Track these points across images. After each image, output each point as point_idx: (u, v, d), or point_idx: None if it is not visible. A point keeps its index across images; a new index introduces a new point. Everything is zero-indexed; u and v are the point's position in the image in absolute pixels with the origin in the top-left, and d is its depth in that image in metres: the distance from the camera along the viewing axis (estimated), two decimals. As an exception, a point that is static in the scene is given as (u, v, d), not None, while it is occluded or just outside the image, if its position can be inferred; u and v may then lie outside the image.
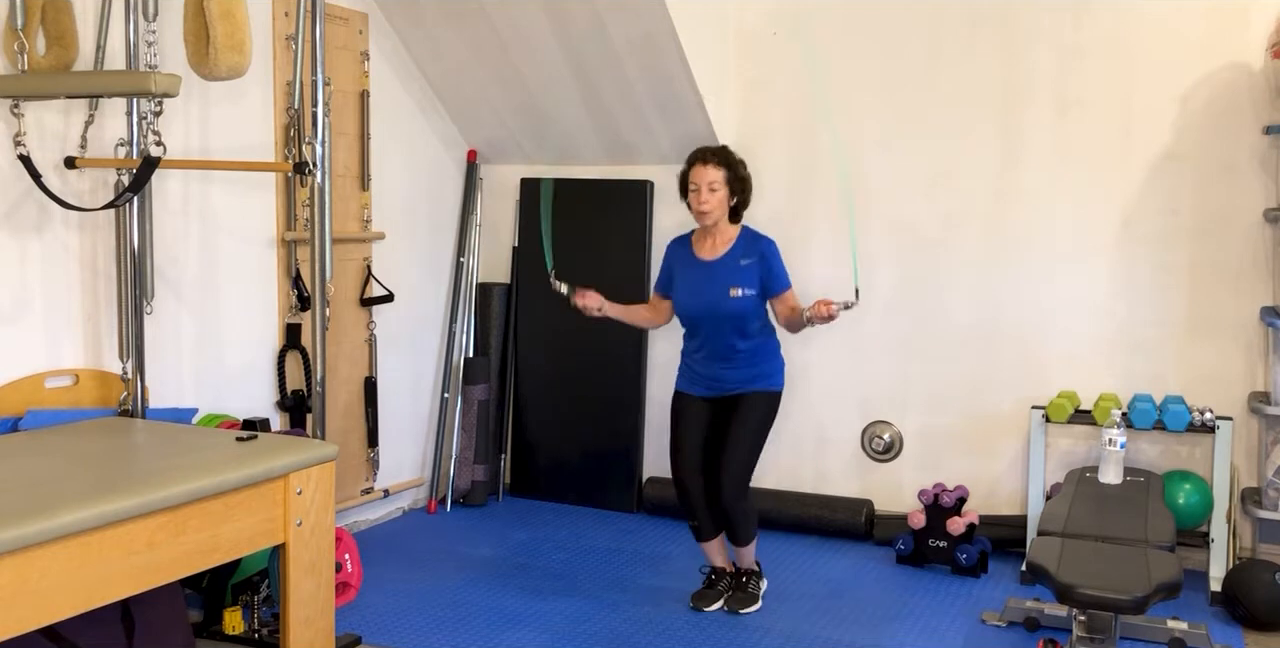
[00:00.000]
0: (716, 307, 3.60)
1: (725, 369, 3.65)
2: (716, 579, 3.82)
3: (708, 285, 3.63)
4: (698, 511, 3.70)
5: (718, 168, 3.59)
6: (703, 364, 3.69)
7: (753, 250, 3.63)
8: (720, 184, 3.59)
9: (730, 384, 3.65)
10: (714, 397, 3.69)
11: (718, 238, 3.68)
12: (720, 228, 3.67)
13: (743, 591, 3.76)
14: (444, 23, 4.42)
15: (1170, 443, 4.16)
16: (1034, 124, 4.29)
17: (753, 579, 3.80)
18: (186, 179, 3.65)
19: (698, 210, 3.61)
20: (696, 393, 3.71)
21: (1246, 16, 3.97)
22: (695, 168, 3.61)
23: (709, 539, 3.77)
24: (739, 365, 3.64)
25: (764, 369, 3.66)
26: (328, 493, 2.87)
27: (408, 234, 4.74)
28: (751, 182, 3.70)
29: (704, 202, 3.58)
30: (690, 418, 3.70)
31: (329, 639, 2.93)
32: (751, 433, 3.62)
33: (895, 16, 4.43)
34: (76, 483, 2.40)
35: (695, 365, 3.72)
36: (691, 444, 3.69)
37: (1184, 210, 4.11)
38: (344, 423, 4.41)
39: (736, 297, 3.58)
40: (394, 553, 4.25)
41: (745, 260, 3.62)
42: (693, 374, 3.73)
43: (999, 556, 4.24)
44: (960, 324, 4.44)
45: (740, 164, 3.65)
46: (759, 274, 3.60)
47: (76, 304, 3.27)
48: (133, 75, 2.96)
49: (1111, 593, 2.65)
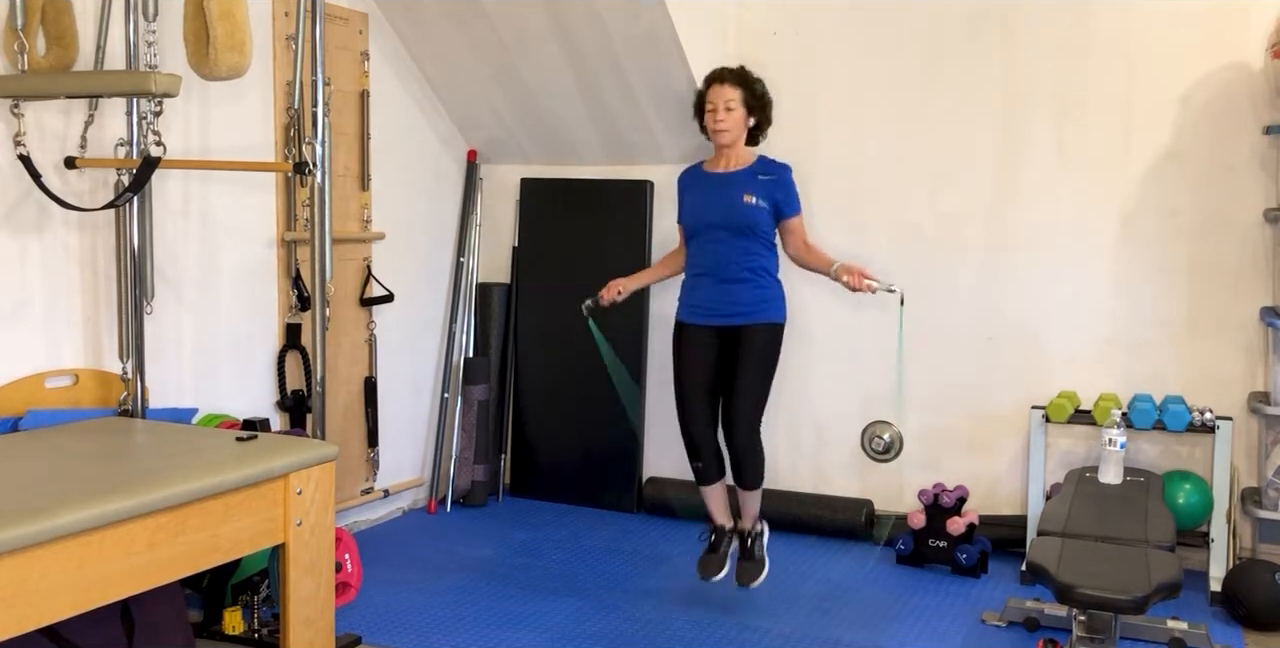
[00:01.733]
0: (728, 213, 3.53)
1: (729, 289, 3.56)
2: (718, 540, 3.73)
3: (721, 193, 3.57)
4: (702, 450, 3.62)
5: (734, 87, 3.55)
6: (706, 285, 3.61)
7: (770, 170, 3.59)
8: (737, 103, 3.55)
9: (734, 309, 3.56)
10: (717, 326, 3.60)
11: (733, 158, 3.62)
12: (737, 149, 3.62)
13: (749, 558, 3.67)
14: (444, 23, 4.42)
15: (1170, 443, 4.16)
16: (1034, 124, 4.29)
17: (757, 541, 3.71)
18: (186, 179, 3.65)
19: (714, 129, 3.57)
20: (698, 322, 3.62)
21: (1246, 16, 3.97)
22: (712, 87, 3.58)
23: (711, 483, 3.68)
24: (743, 286, 3.55)
25: (766, 294, 3.58)
26: (328, 493, 2.88)
27: (408, 234, 4.74)
28: (771, 100, 3.64)
29: (720, 120, 3.54)
30: (694, 353, 3.62)
31: (329, 639, 2.93)
32: (760, 371, 3.54)
33: (896, 16, 4.43)
34: (76, 483, 2.40)
35: (697, 288, 3.64)
36: (696, 380, 3.60)
37: (1184, 210, 4.11)
38: (344, 423, 4.41)
39: (750, 203, 3.51)
40: (394, 553, 4.25)
41: (763, 176, 3.57)
42: (694, 299, 3.65)
43: (999, 556, 4.24)
44: (960, 324, 4.44)
45: (758, 82, 3.60)
46: (774, 192, 3.55)
47: (76, 304, 3.27)
48: (133, 75, 2.96)
49: (1111, 593, 2.65)
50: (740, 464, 3.60)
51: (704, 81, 3.63)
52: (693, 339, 3.64)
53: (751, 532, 3.73)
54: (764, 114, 3.64)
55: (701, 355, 3.62)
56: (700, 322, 3.63)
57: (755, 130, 3.65)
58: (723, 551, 3.73)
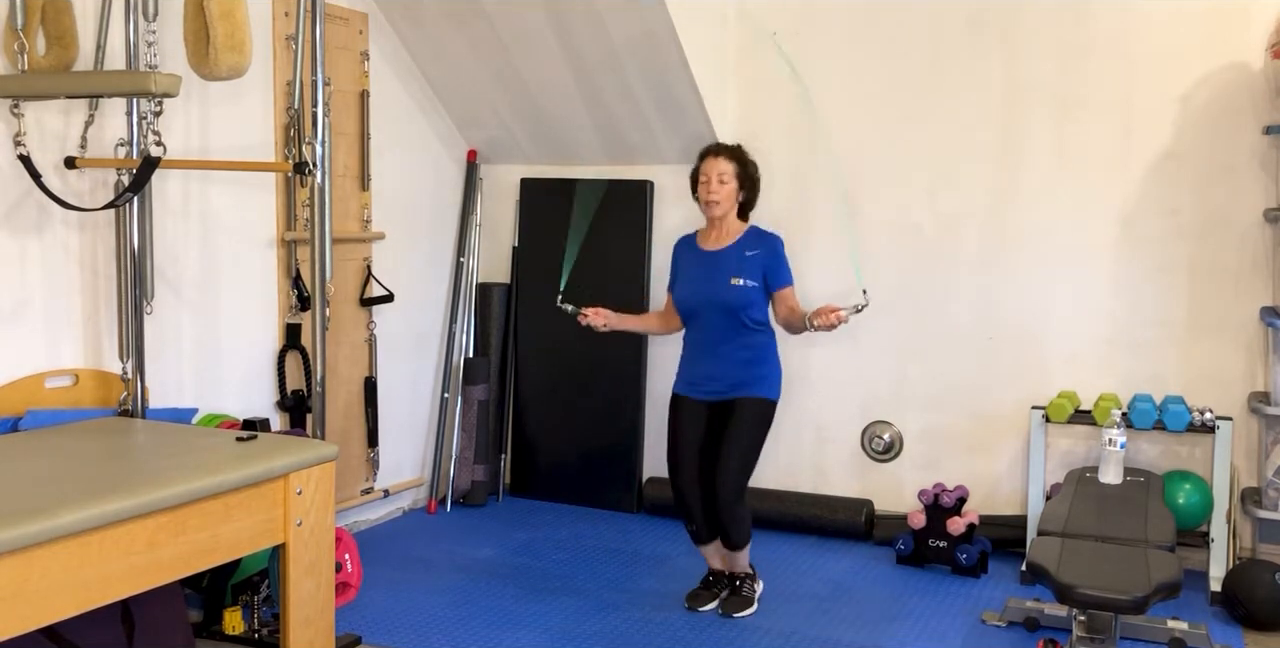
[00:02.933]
0: (717, 295, 3.59)
1: (720, 367, 3.63)
2: (714, 581, 3.82)
3: (710, 273, 3.62)
4: (695, 515, 3.70)
5: (729, 161, 3.63)
6: (698, 362, 3.68)
7: (759, 243, 3.64)
8: (730, 177, 3.62)
9: (726, 385, 3.63)
10: (710, 400, 3.67)
11: (724, 231, 3.68)
12: (728, 222, 3.68)
13: (737, 594, 3.76)
14: (444, 23, 4.42)
15: (1170, 443, 4.16)
16: (1034, 124, 4.29)
17: (747, 582, 3.79)
18: (186, 179, 3.65)
19: (706, 200, 3.63)
20: (693, 396, 3.70)
21: (1246, 16, 3.97)
22: (707, 160, 3.66)
23: (706, 543, 3.76)
24: (735, 363, 3.62)
25: (761, 372, 3.64)
26: (328, 493, 2.87)
27: (408, 234, 4.74)
28: (760, 179, 3.72)
29: (713, 192, 3.60)
30: (687, 423, 3.69)
31: (329, 639, 2.93)
32: (746, 441, 3.60)
33: (896, 16, 4.43)
34: (76, 483, 2.40)
35: (692, 364, 3.71)
36: (688, 450, 3.68)
37: (1184, 210, 4.11)
38: (344, 423, 4.41)
39: (738, 285, 3.57)
40: (394, 553, 4.25)
41: (750, 252, 3.62)
42: (689, 374, 3.72)
43: (999, 556, 4.24)
44: (960, 324, 4.44)
45: (752, 163, 3.69)
46: (763, 266, 3.59)
47: (76, 304, 3.27)
48: (133, 75, 2.96)
49: (1111, 593, 2.65)
50: (725, 529, 3.66)
51: (699, 155, 3.72)
52: (686, 410, 3.72)
53: (741, 577, 3.81)
54: (754, 191, 3.72)
55: (694, 424, 3.69)
56: (694, 396, 3.71)
57: (745, 205, 3.72)
58: (715, 590, 3.81)
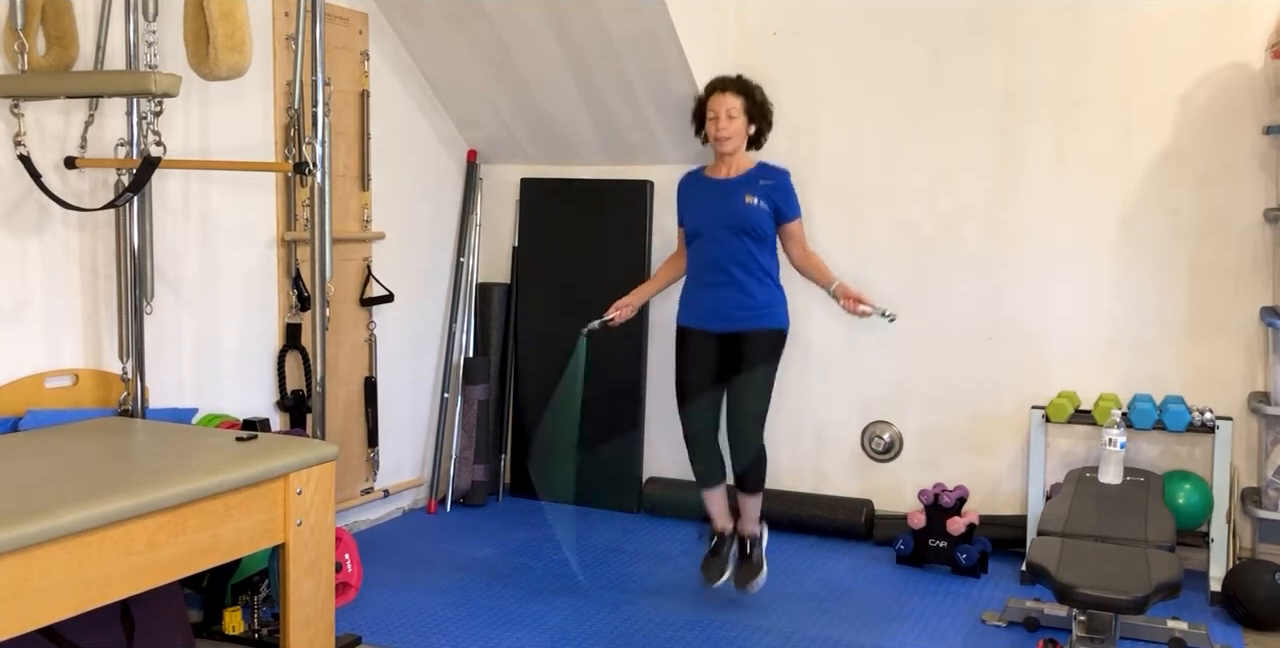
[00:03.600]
0: (730, 215, 3.55)
1: (731, 293, 3.57)
2: (719, 544, 3.75)
3: (723, 197, 3.59)
4: (704, 454, 3.63)
5: (736, 95, 3.58)
6: (707, 286, 3.62)
7: (770, 175, 3.62)
8: (739, 111, 3.58)
9: (736, 314, 3.57)
10: (719, 332, 3.61)
11: (734, 165, 3.65)
12: (738, 156, 3.64)
13: (748, 562, 3.69)
14: (444, 23, 4.42)
15: (1170, 443, 4.16)
16: (1034, 124, 4.29)
17: (756, 546, 3.72)
18: (186, 179, 3.65)
19: (717, 137, 3.59)
20: (700, 326, 3.63)
21: (1246, 16, 3.97)
22: (714, 96, 3.61)
23: (713, 486, 3.69)
24: (745, 287, 3.57)
25: (768, 298, 3.60)
26: (328, 493, 2.87)
27: (408, 234, 4.74)
28: (771, 107, 3.68)
29: (723, 128, 3.56)
30: (696, 357, 3.63)
31: (329, 639, 2.93)
32: (763, 376, 3.56)
33: (896, 16, 4.43)
34: (76, 483, 2.40)
35: (699, 290, 3.64)
36: (699, 384, 3.61)
37: (1184, 210, 4.11)
38: (344, 423, 4.41)
39: (750, 203, 3.54)
40: (394, 553, 4.25)
41: (764, 181, 3.60)
42: (696, 303, 3.66)
43: (999, 556, 4.24)
44: (960, 324, 4.44)
45: (758, 90, 3.64)
46: (774, 196, 3.58)
47: (76, 304, 3.27)
48: (133, 75, 2.96)
49: (1111, 593, 2.65)
50: (743, 469, 3.61)
51: (705, 90, 3.66)
52: (695, 344, 3.64)
53: (750, 535, 3.74)
54: (765, 121, 3.67)
55: (704, 360, 3.63)
56: (702, 326, 3.64)
57: (756, 136, 3.68)
58: (724, 554, 3.75)
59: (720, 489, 3.72)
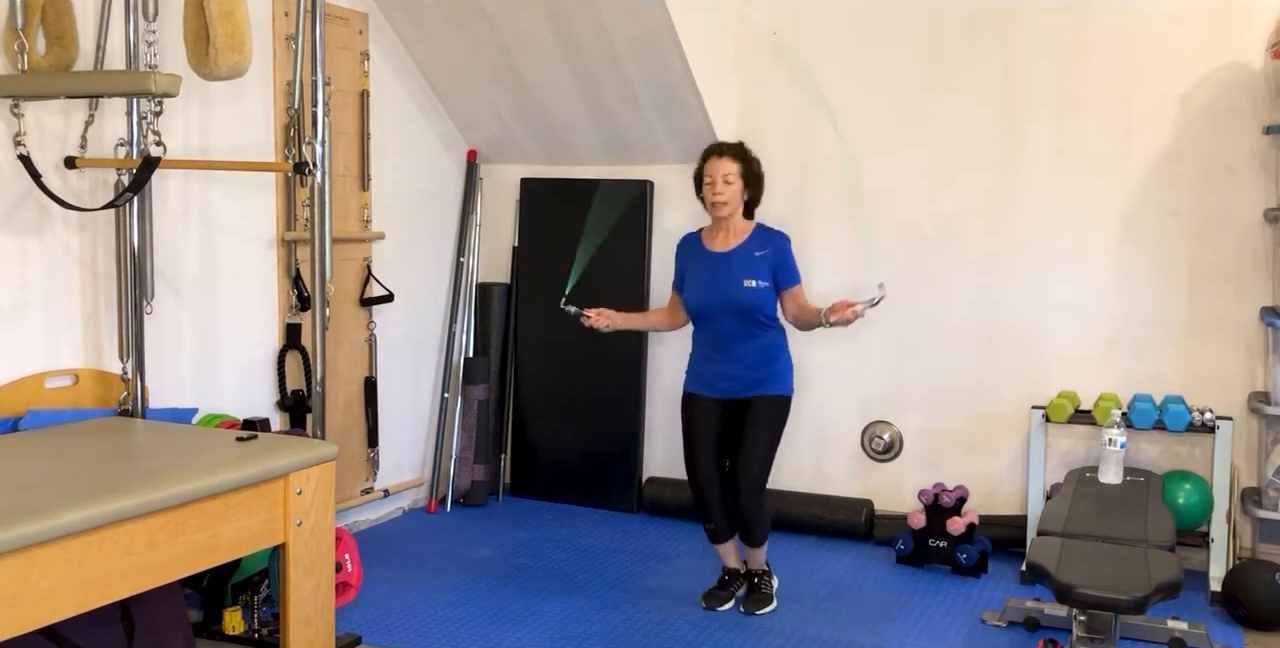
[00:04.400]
0: (729, 298, 3.59)
1: (735, 367, 3.63)
2: (729, 580, 3.83)
3: (721, 276, 3.62)
4: (714, 513, 3.70)
5: (733, 161, 3.62)
6: (712, 362, 3.68)
7: (767, 243, 3.64)
8: (735, 177, 3.61)
9: (740, 384, 3.64)
10: (724, 399, 3.68)
11: (731, 231, 3.68)
12: (734, 221, 3.67)
13: (757, 592, 3.77)
14: (444, 23, 4.42)
15: (1170, 443, 4.15)
16: (1034, 124, 4.29)
17: (765, 579, 3.80)
18: (186, 179, 3.65)
19: (712, 202, 3.62)
20: (706, 394, 3.70)
21: (1246, 16, 3.97)
22: (711, 161, 3.64)
23: (723, 541, 3.77)
24: (749, 363, 3.63)
25: (774, 369, 3.65)
26: (328, 493, 2.87)
27: (408, 234, 4.74)
28: (764, 176, 3.72)
29: (719, 193, 3.59)
30: (702, 421, 3.69)
31: (329, 639, 2.93)
32: (765, 438, 3.62)
33: (896, 16, 4.43)
34: (76, 483, 2.40)
35: (704, 364, 3.71)
36: (706, 448, 3.68)
37: (1184, 211, 4.11)
38: (344, 423, 4.41)
39: (750, 287, 3.57)
40: (394, 553, 4.25)
41: (759, 252, 3.62)
42: (702, 373, 3.72)
43: (999, 556, 4.24)
44: (960, 324, 4.44)
45: (755, 161, 3.69)
46: (772, 266, 3.60)
47: (76, 304, 3.27)
48: (133, 75, 2.96)
49: (1111, 593, 2.65)
50: (747, 527, 3.69)
51: (702, 155, 3.71)
52: (701, 409, 3.72)
53: (759, 574, 3.81)
54: (758, 189, 3.71)
55: (709, 423, 3.70)
56: (707, 393, 3.71)
57: (750, 203, 3.71)
58: (731, 590, 3.81)
59: (731, 543, 3.80)
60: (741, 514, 3.64)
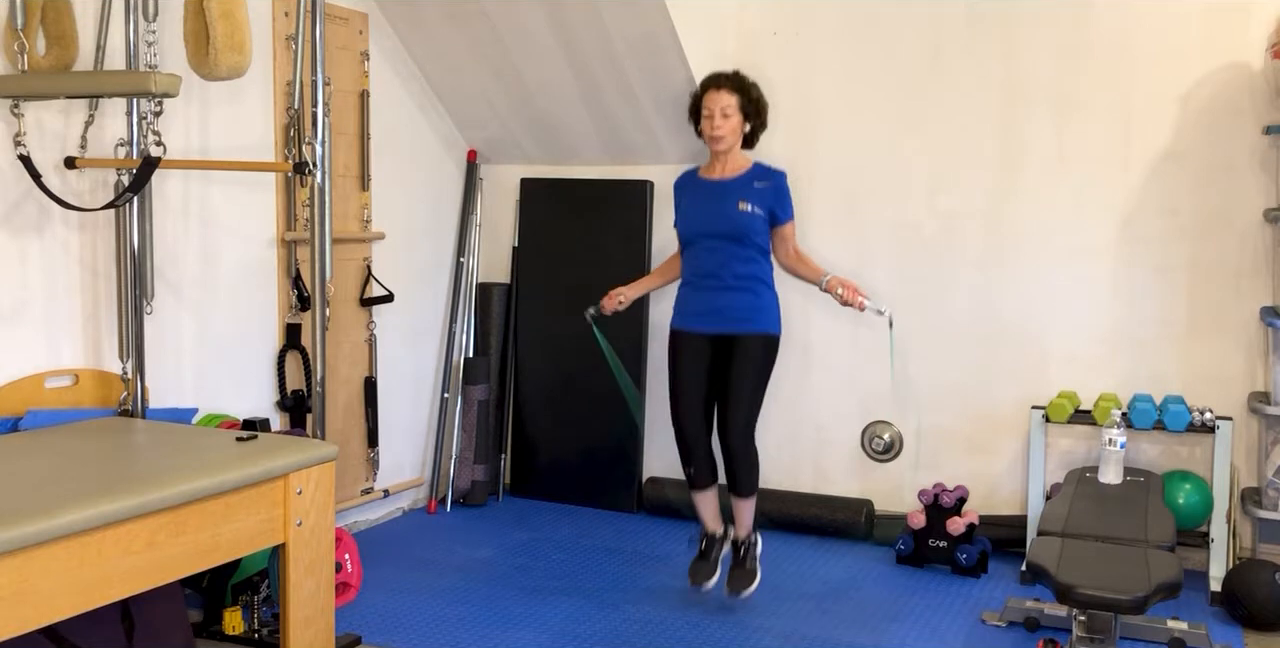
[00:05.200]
0: (723, 220, 3.53)
1: (723, 296, 3.57)
2: (709, 547, 3.74)
3: (717, 200, 3.57)
4: (695, 455, 3.63)
5: (731, 93, 3.56)
6: (698, 289, 3.62)
7: (766, 176, 3.60)
8: (734, 109, 3.55)
9: (728, 316, 3.57)
10: (711, 334, 3.61)
11: (729, 164, 3.63)
12: (733, 155, 3.62)
13: (741, 567, 3.68)
14: (444, 23, 4.42)
15: (1170, 443, 4.16)
16: (1034, 124, 4.29)
17: (750, 550, 3.72)
18: (186, 179, 3.65)
19: (710, 135, 3.57)
20: (693, 328, 3.63)
21: (1246, 16, 3.97)
22: (708, 93, 3.58)
23: (704, 488, 3.69)
24: (738, 292, 3.57)
25: (761, 303, 3.59)
26: (328, 493, 2.88)
27: (408, 234, 4.74)
28: (767, 104, 3.66)
29: (717, 127, 3.54)
30: (689, 359, 3.63)
31: (329, 639, 2.93)
32: (753, 378, 3.55)
33: (896, 16, 4.43)
34: (76, 483, 2.40)
35: (690, 292, 3.65)
36: (691, 386, 3.62)
37: (1184, 210, 4.11)
38: (344, 423, 4.41)
39: (745, 211, 3.52)
40: (394, 553, 4.25)
41: (759, 183, 3.58)
42: (689, 307, 3.66)
43: (999, 556, 4.24)
44: (960, 324, 4.44)
45: (754, 87, 3.61)
46: (770, 198, 3.56)
47: (76, 304, 3.28)
48: (133, 75, 2.96)
49: (1111, 593, 2.65)
50: (734, 471, 3.61)
51: (700, 86, 3.63)
52: (687, 346, 3.65)
53: (745, 542, 3.74)
54: (760, 119, 3.65)
55: (696, 362, 3.63)
56: (695, 329, 3.64)
57: (751, 135, 3.66)
58: (714, 557, 3.74)
59: (711, 492, 3.72)
60: (731, 456, 3.57)
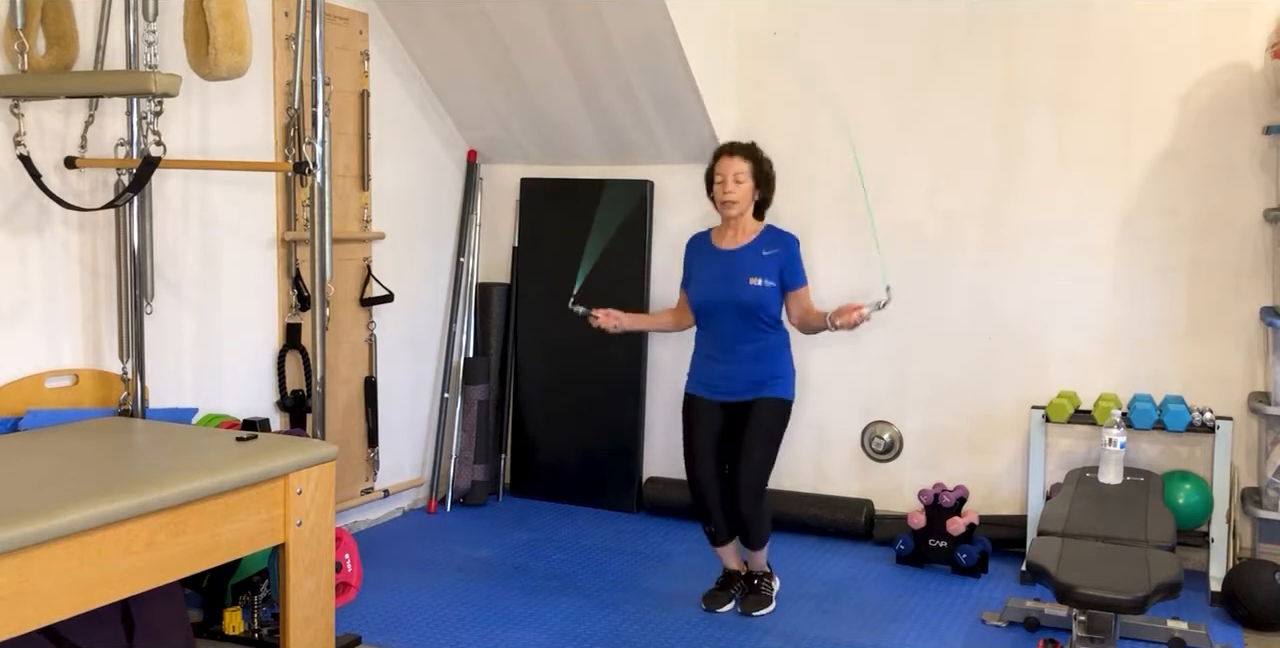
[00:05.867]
0: (735, 295, 3.57)
1: (736, 367, 3.62)
2: (729, 582, 3.82)
3: (728, 273, 3.61)
4: (714, 515, 3.70)
5: (744, 160, 3.62)
6: (713, 361, 3.67)
7: (776, 243, 3.63)
8: (746, 176, 3.61)
9: (740, 385, 3.63)
10: (725, 401, 3.67)
11: (740, 231, 3.67)
12: (744, 221, 3.67)
13: (756, 593, 3.76)
14: (444, 23, 4.42)
15: (1170, 443, 4.16)
16: (1034, 124, 4.29)
17: (764, 581, 3.79)
18: (186, 179, 3.65)
19: (723, 201, 3.62)
20: (707, 396, 3.69)
21: (1246, 16, 3.97)
22: (722, 160, 3.64)
23: (724, 544, 3.77)
24: (751, 363, 3.61)
25: (775, 371, 3.63)
26: (328, 493, 2.88)
27: (408, 234, 4.74)
28: (775, 177, 3.71)
29: (729, 192, 3.59)
30: (703, 424, 3.69)
31: (329, 639, 2.93)
32: (765, 442, 3.61)
33: (896, 16, 4.43)
34: (76, 483, 2.40)
35: (706, 364, 3.70)
36: (706, 451, 3.68)
37: (1184, 210, 4.11)
38: (344, 423, 4.41)
39: (756, 286, 3.56)
40: (394, 553, 4.25)
41: (768, 252, 3.61)
42: (704, 374, 3.71)
43: (999, 556, 4.24)
44: (960, 324, 4.44)
45: (767, 161, 3.69)
46: (780, 266, 3.59)
47: (76, 304, 3.27)
48: (133, 75, 2.96)
49: (1111, 593, 2.65)
50: (746, 530, 3.68)
51: (714, 154, 3.71)
52: (701, 411, 3.71)
53: (759, 575, 3.80)
54: (769, 189, 3.71)
55: (710, 427, 3.69)
56: (707, 395, 3.70)
57: (760, 204, 3.71)
58: (731, 591, 3.81)
59: (731, 545, 3.80)
60: (741, 518, 3.64)
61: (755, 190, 3.65)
